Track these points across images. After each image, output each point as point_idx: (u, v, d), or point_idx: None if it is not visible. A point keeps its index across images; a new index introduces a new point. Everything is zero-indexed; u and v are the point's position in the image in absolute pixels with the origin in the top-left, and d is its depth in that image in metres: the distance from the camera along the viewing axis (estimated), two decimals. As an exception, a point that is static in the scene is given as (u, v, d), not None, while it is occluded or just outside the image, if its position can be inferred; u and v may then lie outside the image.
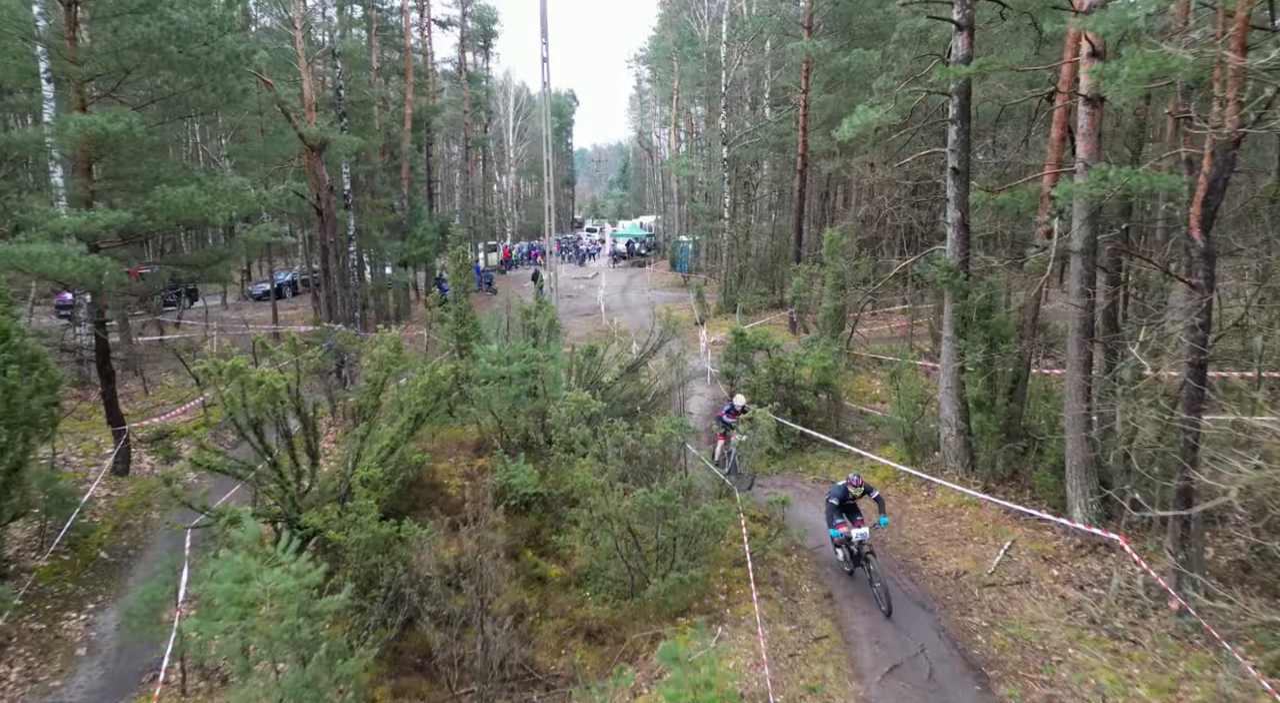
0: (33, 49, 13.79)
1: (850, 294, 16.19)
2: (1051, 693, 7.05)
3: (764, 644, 7.60)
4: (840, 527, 8.89)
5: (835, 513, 8.99)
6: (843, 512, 9.00)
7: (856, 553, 8.88)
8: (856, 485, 8.89)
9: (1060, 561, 9.27)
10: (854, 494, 8.92)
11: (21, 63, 13.75)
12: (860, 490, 8.89)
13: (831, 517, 9.01)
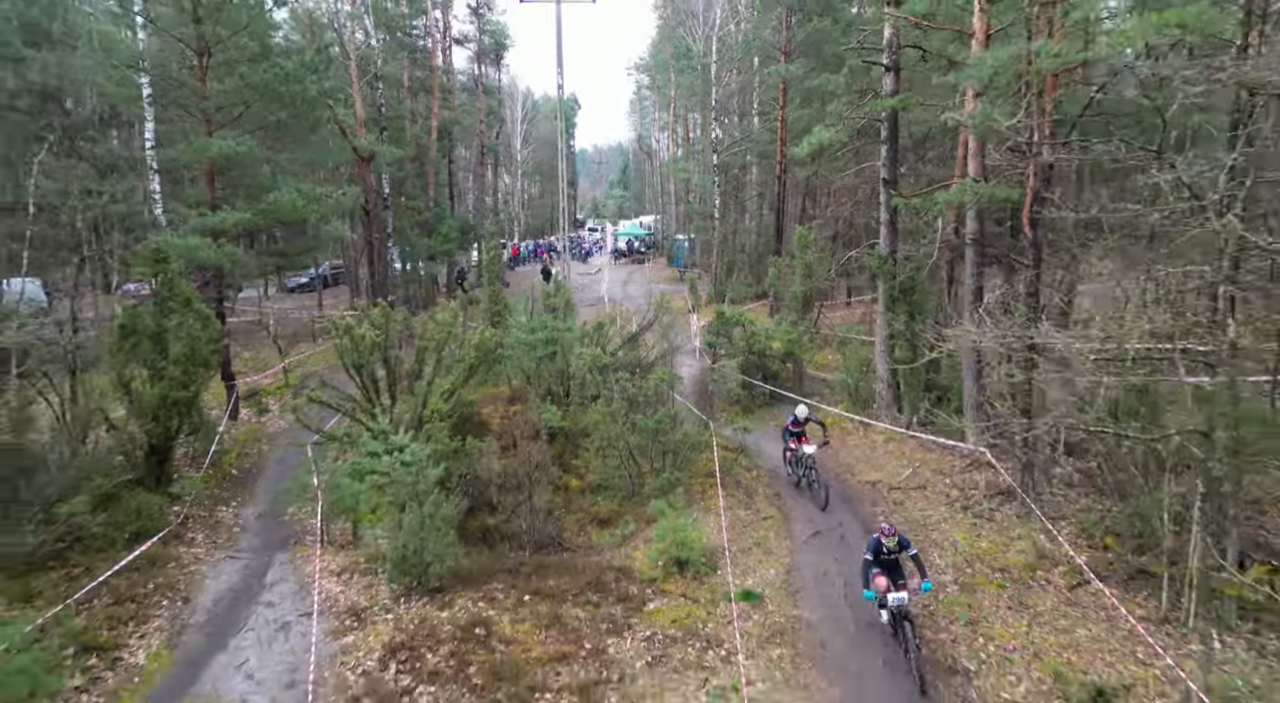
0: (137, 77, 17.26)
1: (816, 282, 19.56)
2: (922, 544, 10.39)
3: (724, 520, 10.93)
4: (879, 584, 8.00)
5: (868, 570, 8.14)
6: (881, 568, 8.17)
7: (895, 617, 7.96)
8: (890, 535, 8.12)
9: (952, 474, 12.61)
10: (888, 547, 8.13)
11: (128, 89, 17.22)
12: (894, 541, 8.13)
13: (867, 574, 8.14)
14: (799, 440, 12.31)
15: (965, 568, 9.81)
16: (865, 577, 8.19)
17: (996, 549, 10.26)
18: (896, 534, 8.19)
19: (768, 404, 16.35)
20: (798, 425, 12.42)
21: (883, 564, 8.16)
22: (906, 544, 8.23)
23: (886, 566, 8.18)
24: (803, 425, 12.38)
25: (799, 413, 12.42)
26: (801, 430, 12.37)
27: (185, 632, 8.41)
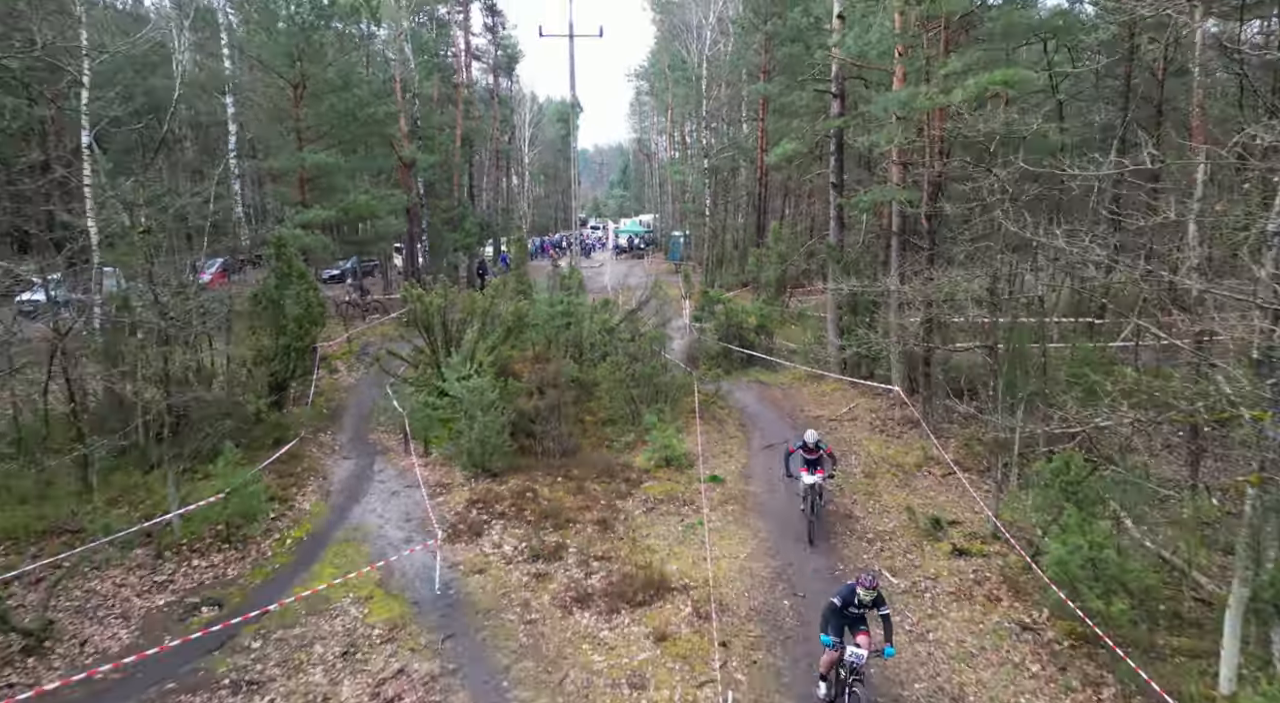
0: (223, 99, 21.46)
1: (787, 268, 23.73)
2: (842, 453, 14.49)
3: (700, 438, 15.06)
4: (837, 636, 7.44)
5: (833, 618, 7.50)
6: (844, 620, 7.53)
7: (843, 676, 7.39)
8: (869, 588, 7.39)
9: (879, 411, 16.72)
10: (862, 600, 7.41)
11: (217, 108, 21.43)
12: (871, 596, 7.40)
13: (827, 622, 7.50)
14: (813, 470, 11.30)
15: (872, 465, 13.96)
16: (825, 623, 7.49)
17: (897, 455, 14.41)
18: (876, 589, 7.42)
19: (743, 366, 20.44)
20: (810, 452, 11.32)
21: (847, 617, 7.50)
22: (882, 602, 7.48)
23: (849, 619, 7.52)
24: (815, 453, 11.32)
25: (808, 438, 11.40)
26: (815, 459, 11.32)
27: (330, 495, 12.58)
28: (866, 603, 7.44)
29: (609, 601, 9.58)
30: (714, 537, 11.27)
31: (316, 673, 8.15)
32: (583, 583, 10.03)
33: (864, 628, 7.59)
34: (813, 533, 11.24)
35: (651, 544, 11.10)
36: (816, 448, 11.43)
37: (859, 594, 7.41)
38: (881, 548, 11.09)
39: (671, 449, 14.02)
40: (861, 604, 7.45)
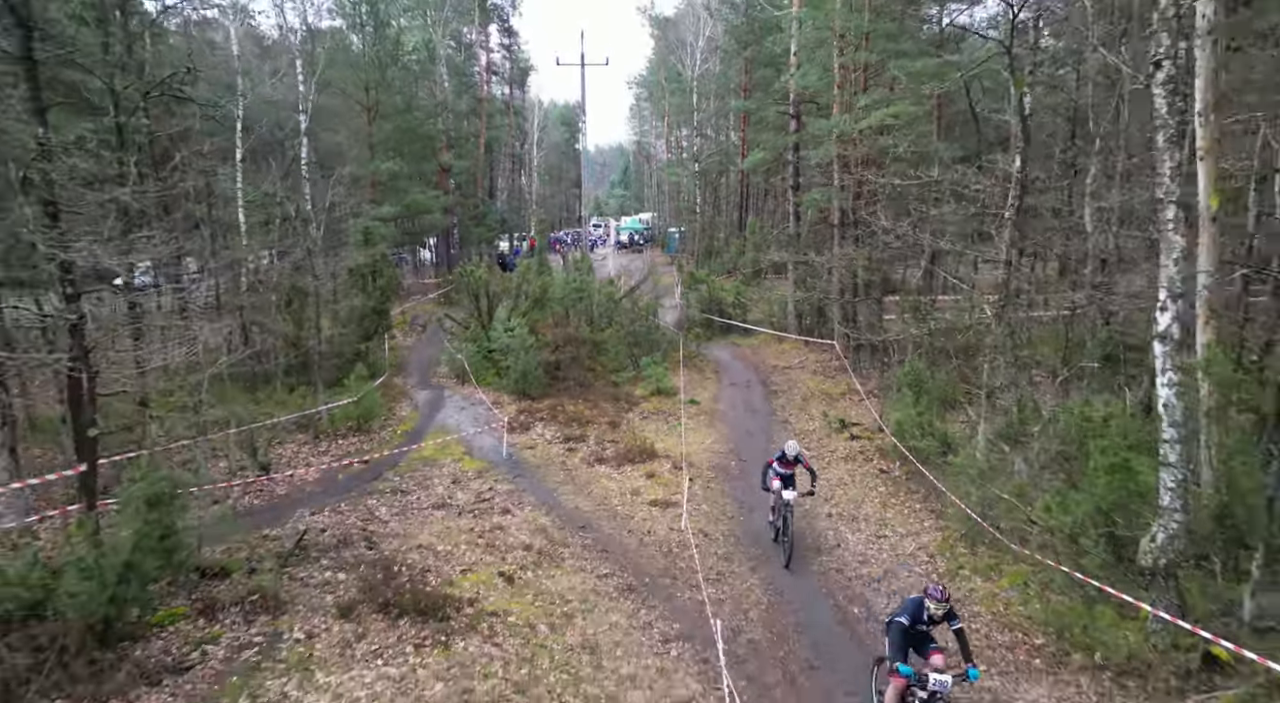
0: (299, 115, 26.98)
1: (761, 256, 29.27)
2: (789, 388, 19.98)
3: (683, 378, 20.55)
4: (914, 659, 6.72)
5: (901, 639, 6.73)
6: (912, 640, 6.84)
7: None
8: (940, 600, 6.68)
9: (822, 361, 22.19)
10: (932, 615, 6.72)
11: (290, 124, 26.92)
12: (943, 609, 6.67)
13: (899, 646, 6.69)
14: (785, 485, 10.81)
15: (808, 394, 19.47)
16: (895, 648, 6.68)
17: (829, 388, 19.90)
18: (947, 600, 6.74)
19: (722, 332, 25.93)
20: (786, 465, 10.91)
21: (915, 636, 6.84)
22: (954, 615, 6.82)
23: (916, 638, 6.87)
24: (792, 466, 10.92)
25: (788, 449, 10.96)
26: (791, 473, 10.90)
27: (419, 408, 18.12)
28: (937, 618, 6.70)
29: (617, 461, 15.09)
30: (689, 433, 16.78)
31: (439, 488, 13.64)
32: (599, 453, 15.54)
33: (935, 646, 6.89)
34: (790, 556, 10.63)
35: (646, 435, 16.59)
36: (795, 461, 10.87)
37: (929, 608, 6.70)
38: (805, 438, 16.57)
39: (662, 383, 19.56)
40: (931, 620, 6.73)
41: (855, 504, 13.10)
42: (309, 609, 9.18)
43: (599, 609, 9.57)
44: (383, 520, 12.10)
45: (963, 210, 14.18)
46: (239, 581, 9.58)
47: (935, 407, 14.64)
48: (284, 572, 9.82)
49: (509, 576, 10.28)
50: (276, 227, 17.73)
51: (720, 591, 10.04)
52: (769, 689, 8.01)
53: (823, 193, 21.17)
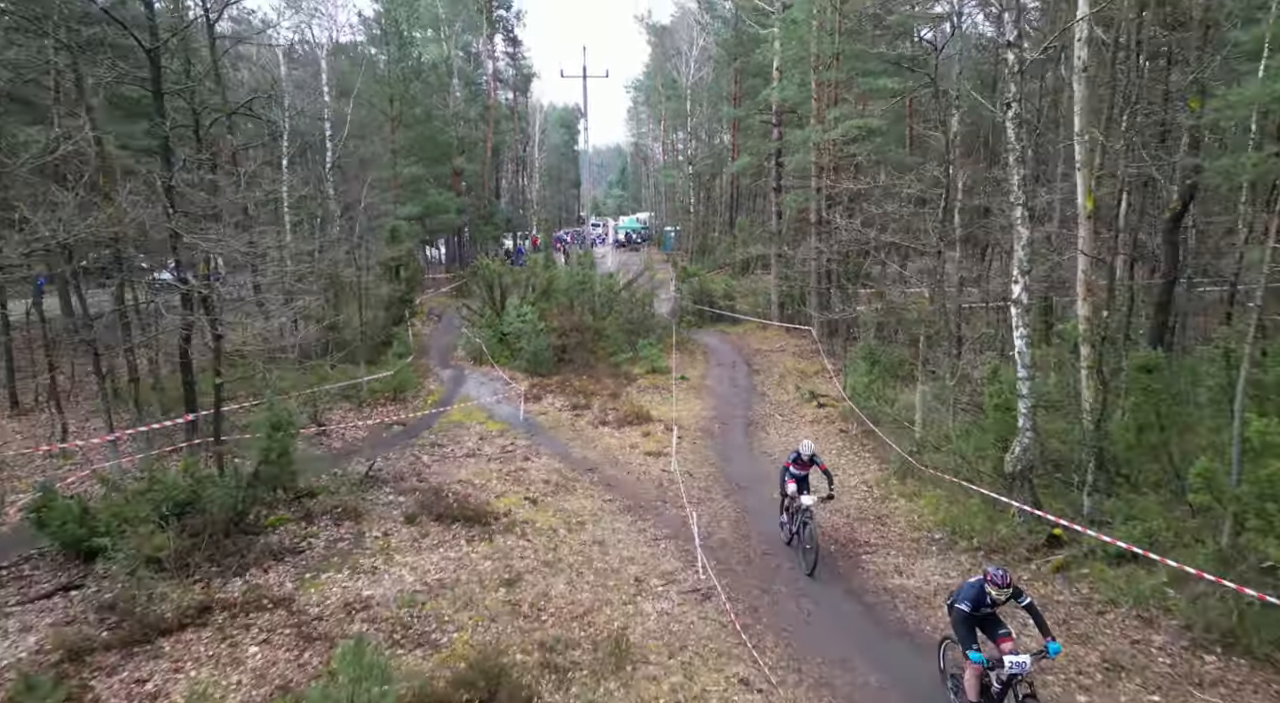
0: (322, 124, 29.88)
1: (749, 251, 32.20)
2: (769, 368, 22.88)
3: (675, 359, 23.45)
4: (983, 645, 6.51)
5: (964, 627, 6.57)
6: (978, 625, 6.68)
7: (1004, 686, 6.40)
8: (1002, 585, 6.48)
9: (800, 345, 25.11)
10: (994, 599, 6.55)
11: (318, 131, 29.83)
12: (1006, 593, 6.51)
13: (966, 632, 6.55)
14: (800, 487, 10.70)
15: (785, 373, 22.37)
16: (962, 635, 6.56)
17: (804, 368, 22.81)
18: (1010, 584, 6.52)
19: (712, 321, 28.85)
20: (801, 466, 10.79)
21: (980, 620, 6.68)
22: (1020, 594, 6.63)
23: (983, 621, 6.72)
24: (807, 467, 10.79)
25: (803, 449, 10.80)
26: (805, 475, 10.80)
27: (444, 383, 21.01)
28: (1000, 601, 6.56)
29: (618, 423, 17.98)
30: (679, 402, 19.68)
31: (469, 443, 16.52)
32: (602, 417, 18.44)
33: (1004, 632, 6.75)
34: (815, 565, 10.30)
35: (642, 404, 19.48)
36: (810, 461, 10.69)
37: (990, 594, 6.52)
38: (780, 407, 19.49)
39: (656, 363, 22.48)
40: (995, 603, 6.58)
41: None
42: (381, 518, 12.09)
43: (604, 520, 12.47)
44: (426, 465, 15.00)
45: (904, 210, 17.07)
46: (325, 499, 12.47)
47: (886, 377, 17.58)
48: (359, 494, 12.72)
49: (533, 499, 13.19)
50: (317, 224, 20.55)
51: (699, 510, 12.91)
52: (731, 566, 10.91)
53: (801, 194, 24.11)
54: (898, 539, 11.58)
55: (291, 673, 8.14)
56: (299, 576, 10.27)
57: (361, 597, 9.71)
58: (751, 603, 9.77)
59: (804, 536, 10.58)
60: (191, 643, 8.71)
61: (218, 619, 9.14)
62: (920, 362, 15.65)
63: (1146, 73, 13.95)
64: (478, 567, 10.60)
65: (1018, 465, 10.65)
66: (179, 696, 7.77)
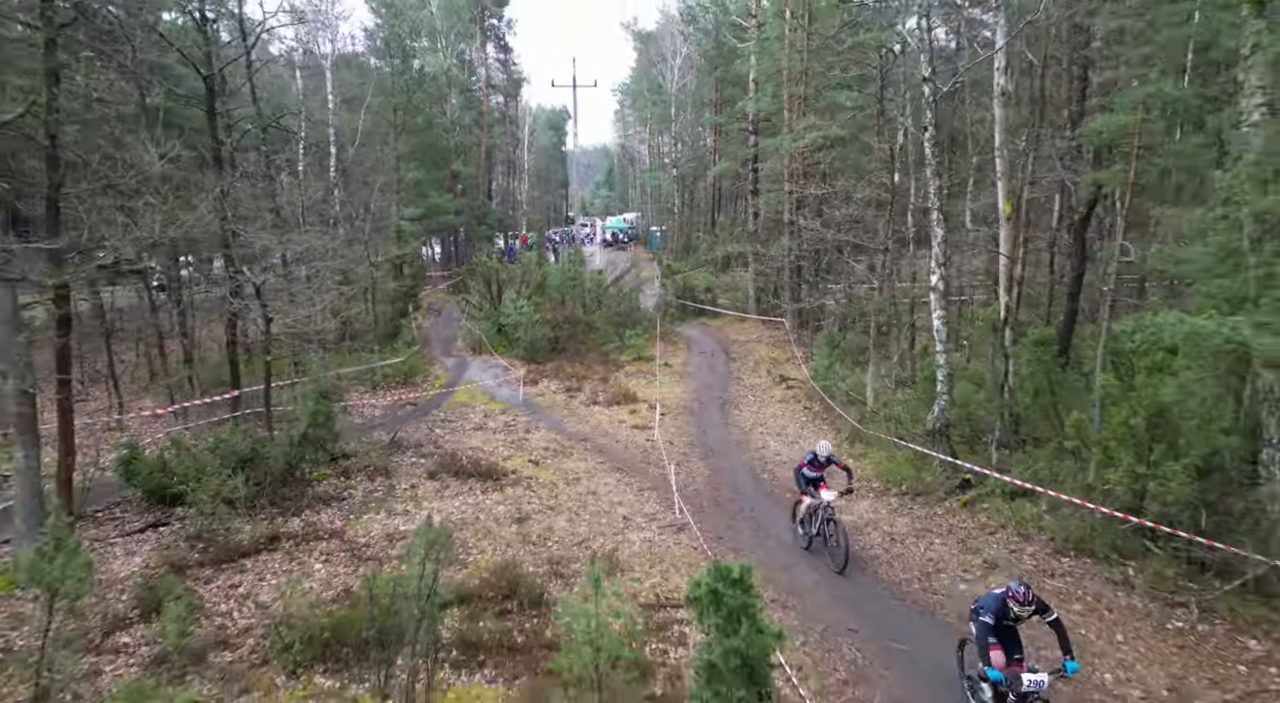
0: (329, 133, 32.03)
1: (728, 249, 34.64)
2: (745, 356, 25.31)
3: (660, 348, 25.82)
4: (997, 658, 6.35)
5: (989, 636, 6.48)
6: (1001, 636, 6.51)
7: None
8: (1024, 602, 6.42)
9: (775, 336, 27.54)
10: (1016, 615, 6.49)
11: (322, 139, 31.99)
12: (1030, 610, 6.44)
13: (984, 645, 6.48)
14: (817, 488, 10.66)
15: (759, 361, 24.79)
16: (983, 647, 6.47)
17: (776, 355, 25.25)
18: (1032, 600, 6.41)
19: (694, 315, 31.22)
20: (816, 468, 10.83)
21: (1001, 631, 6.48)
22: (1045, 608, 6.49)
23: (1003, 633, 6.52)
24: (823, 468, 10.83)
25: (820, 450, 10.80)
26: (819, 477, 10.85)
27: (449, 370, 23.27)
28: (1023, 618, 6.49)
29: (607, 403, 20.32)
30: (662, 385, 22.05)
31: (475, 419, 18.79)
32: (594, 398, 20.77)
33: (1019, 656, 6.67)
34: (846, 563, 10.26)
35: (629, 387, 21.82)
36: (828, 462, 10.70)
37: (1012, 609, 6.45)
38: (753, 389, 21.88)
39: (642, 352, 24.84)
40: (1017, 619, 6.51)
41: (782, 426, 18.44)
42: (408, 474, 14.37)
43: (597, 476, 14.81)
44: (440, 435, 17.27)
45: (860, 213, 19.51)
46: (357, 460, 14.72)
47: (845, 360, 20.04)
48: (386, 457, 14.99)
49: (535, 461, 15.52)
50: (330, 225, 22.74)
51: (678, 469, 15.24)
52: (702, 507, 13.28)
53: (774, 197, 26.55)
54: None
55: (350, 581, 10.41)
56: (345, 516, 12.54)
57: (399, 530, 11.99)
58: (718, 533, 12.15)
59: (829, 533, 10.55)
60: (267, 561, 10.97)
61: (285, 546, 11.40)
62: (872, 345, 18.09)
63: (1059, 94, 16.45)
64: (492, 510, 12.90)
65: (937, 424, 13.09)
66: (266, 595, 10.04)
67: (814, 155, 24.13)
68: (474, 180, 39.88)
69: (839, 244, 21.19)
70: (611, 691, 7.29)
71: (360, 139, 26.65)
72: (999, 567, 10.25)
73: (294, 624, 8.65)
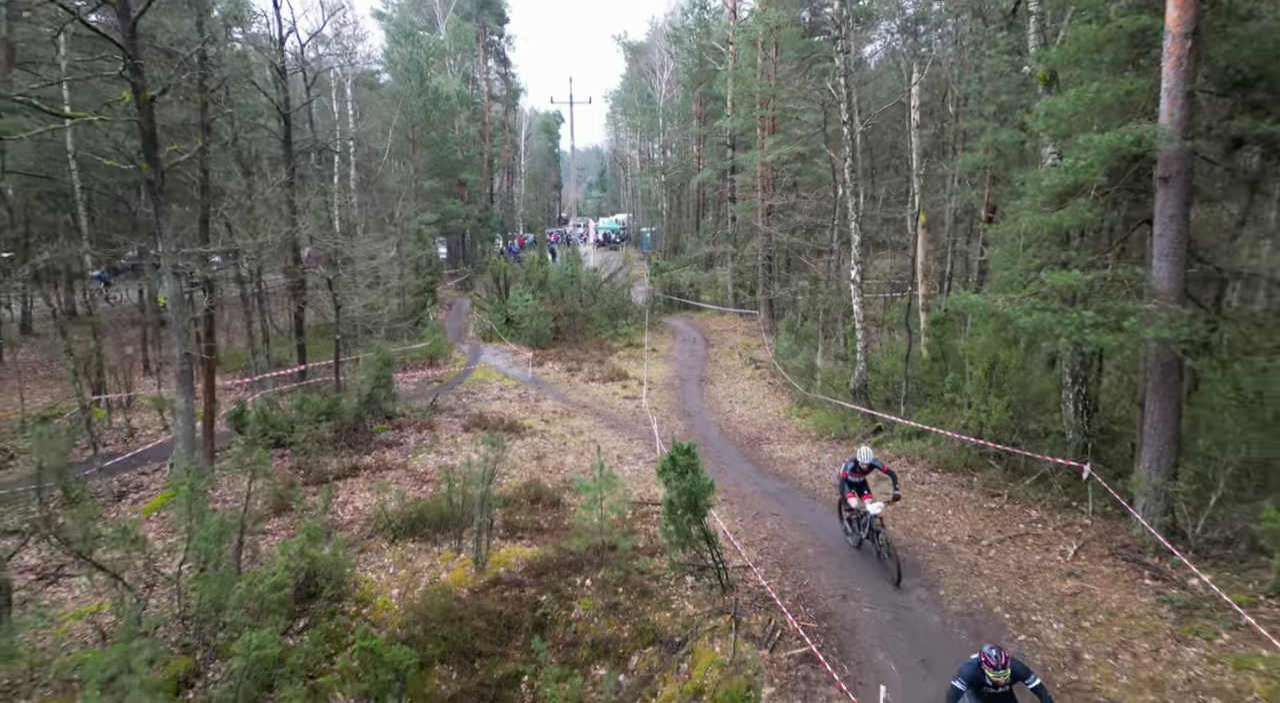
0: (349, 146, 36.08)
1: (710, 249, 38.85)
2: (722, 343, 29.50)
3: (648, 336, 29.97)
4: None
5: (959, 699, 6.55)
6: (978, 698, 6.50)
7: None
8: (997, 666, 6.28)
9: (750, 326, 31.72)
10: (993, 681, 6.33)
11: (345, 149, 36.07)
12: (1005, 674, 6.29)
13: None
14: (860, 495, 10.77)
15: (734, 347, 29.00)
16: None
17: (749, 342, 29.44)
18: (1006, 664, 6.26)
19: (680, 309, 35.40)
20: (858, 474, 10.90)
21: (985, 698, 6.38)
22: (1026, 673, 6.34)
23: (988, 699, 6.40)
24: (864, 474, 10.92)
25: (860, 457, 10.76)
26: (863, 482, 10.91)
27: (465, 354, 27.40)
28: (1002, 684, 6.23)
29: (603, 379, 24.47)
30: (650, 366, 26.21)
31: (494, 392, 22.90)
32: (591, 375, 24.91)
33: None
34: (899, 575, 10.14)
35: (622, 367, 25.96)
36: (870, 468, 10.68)
37: (988, 677, 6.22)
38: (728, 370, 26.06)
39: (633, 339, 29.01)
40: (995, 686, 6.24)
41: (747, 396, 22.65)
42: (446, 428, 18.50)
43: (596, 431, 18.95)
44: (467, 403, 21.38)
45: (813, 220, 23.70)
46: (406, 418, 18.83)
47: (802, 343, 24.27)
48: (428, 416, 19.10)
49: (546, 420, 19.66)
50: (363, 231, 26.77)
51: (660, 426, 19.38)
52: (678, 450, 17.45)
53: (747, 203, 30.76)
54: (788, 437, 18.19)
55: (417, 494, 14.52)
56: (404, 455, 16.67)
57: (446, 464, 16.10)
58: (688, 465, 16.31)
59: (878, 544, 10.52)
60: (352, 483, 15.09)
61: (363, 473, 15.52)
62: (820, 330, 22.32)
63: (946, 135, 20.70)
64: (517, 452, 17.04)
65: (857, 384, 17.31)
66: (359, 503, 14.15)
67: (781, 168, 28.34)
68: (478, 186, 43.96)
69: (798, 247, 25.37)
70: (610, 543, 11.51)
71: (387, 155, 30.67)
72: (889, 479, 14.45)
73: (390, 513, 12.79)
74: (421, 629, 10.41)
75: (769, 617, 9.99)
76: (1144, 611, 9.30)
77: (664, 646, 10.08)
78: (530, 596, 11.01)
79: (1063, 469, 12.41)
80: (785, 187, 27.93)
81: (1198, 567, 9.64)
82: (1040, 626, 9.25)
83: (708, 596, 10.67)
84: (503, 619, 10.61)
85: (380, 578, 11.64)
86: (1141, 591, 9.73)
